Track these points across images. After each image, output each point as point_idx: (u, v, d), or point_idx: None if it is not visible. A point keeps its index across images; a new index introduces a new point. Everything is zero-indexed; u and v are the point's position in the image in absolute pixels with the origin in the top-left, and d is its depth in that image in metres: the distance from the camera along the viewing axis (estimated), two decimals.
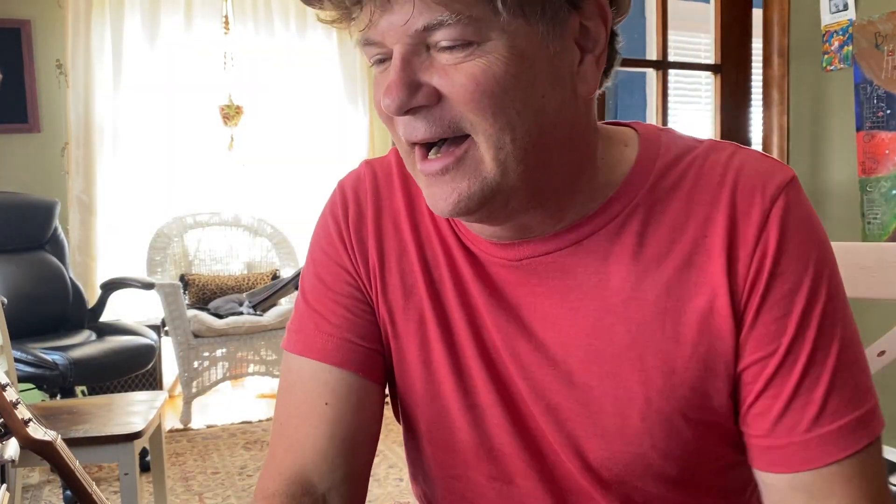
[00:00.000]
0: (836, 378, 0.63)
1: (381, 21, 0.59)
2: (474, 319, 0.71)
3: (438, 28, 0.57)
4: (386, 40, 0.60)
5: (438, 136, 0.61)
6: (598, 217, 0.67)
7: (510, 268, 0.70)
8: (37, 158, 3.93)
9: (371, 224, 0.75)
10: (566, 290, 0.68)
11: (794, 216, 0.64)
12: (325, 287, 0.75)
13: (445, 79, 0.59)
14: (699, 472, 0.70)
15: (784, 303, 0.63)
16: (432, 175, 0.62)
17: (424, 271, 0.73)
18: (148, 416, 2.12)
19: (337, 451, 0.71)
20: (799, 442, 0.63)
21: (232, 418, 3.75)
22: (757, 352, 0.64)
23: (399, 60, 0.59)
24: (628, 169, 0.68)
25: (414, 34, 0.58)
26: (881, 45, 2.63)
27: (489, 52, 0.58)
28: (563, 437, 0.69)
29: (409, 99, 0.59)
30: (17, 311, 3.00)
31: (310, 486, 0.70)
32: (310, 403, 0.72)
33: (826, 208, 2.93)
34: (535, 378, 0.70)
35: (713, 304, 0.64)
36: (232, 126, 4.15)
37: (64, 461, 1.29)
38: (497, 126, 0.60)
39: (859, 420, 0.63)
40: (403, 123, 0.62)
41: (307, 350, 0.74)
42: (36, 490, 2.90)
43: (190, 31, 4.16)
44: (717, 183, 0.66)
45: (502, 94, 0.59)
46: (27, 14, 3.88)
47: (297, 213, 4.35)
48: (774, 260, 0.63)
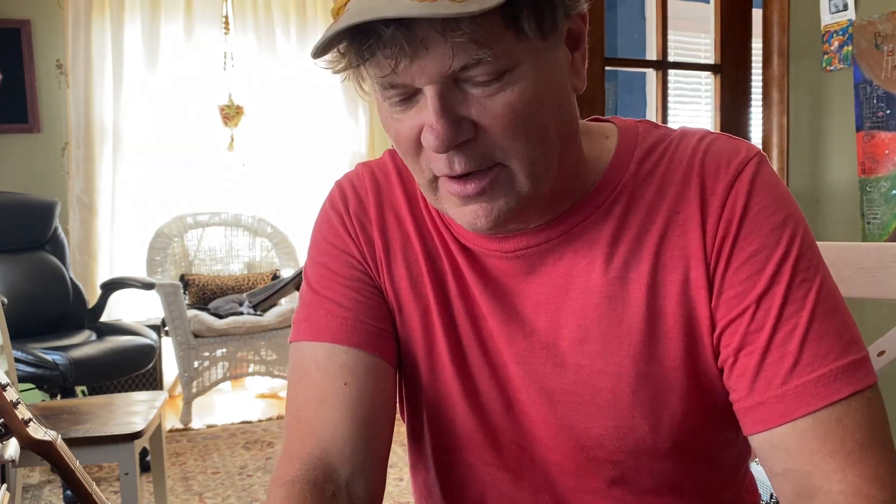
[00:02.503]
0: (811, 330, 0.63)
1: (411, 65, 0.58)
2: (472, 309, 0.74)
3: (475, 66, 0.58)
4: (415, 81, 0.60)
5: (475, 168, 0.62)
6: (584, 206, 0.71)
7: (504, 259, 0.72)
8: (37, 158, 3.93)
9: (374, 217, 0.77)
10: (556, 276, 0.71)
11: (758, 183, 0.67)
12: (332, 274, 0.76)
13: (482, 111, 0.60)
14: (691, 447, 0.71)
15: (752, 263, 0.65)
16: (468, 197, 0.63)
17: (428, 263, 0.75)
18: (148, 416, 2.12)
19: (359, 434, 0.70)
20: (776, 396, 0.63)
21: (232, 418, 3.75)
22: (729, 313, 0.66)
23: (438, 100, 0.59)
24: (609, 159, 0.72)
25: (450, 74, 0.59)
26: (881, 45, 2.63)
27: (520, 79, 0.60)
28: (557, 419, 0.71)
29: (455, 136, 0.60)
30: (18, 311, 3.00)
31: (332, 472, 0.69)
32: (328, 386, 0.71)
33: (826, 208, 2.93)
34: (530, 363, 0.72)
35: (688, 275, 0.67)
36: (232, 126, 4.15)
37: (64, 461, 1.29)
38: (530, 145, 0.62)
39: (840, 370, 0.62)
40: (442, 160, 0.62)
41: (320, 335, 0.73)
42: (36, 490, 2.90)
43: (190, 31, 4.16)
44: (688, 163, 0.69)
45: (535, 115, 0.61)
46: (27, 14, 3.88)
47: (297, 213, 4.35)
48: (739, 223, 0.66)
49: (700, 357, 0.68)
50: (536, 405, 0.72)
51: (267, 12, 4.30)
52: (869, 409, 0.62)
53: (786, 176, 3.07)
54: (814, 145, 2.98)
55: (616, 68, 5.86)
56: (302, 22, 4.36)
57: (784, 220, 0.66)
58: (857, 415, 0.62)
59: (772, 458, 0.65)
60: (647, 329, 0.68)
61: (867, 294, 0.95)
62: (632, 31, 7.38)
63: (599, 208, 0.70)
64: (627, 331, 0.69)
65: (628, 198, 0.70)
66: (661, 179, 0.70)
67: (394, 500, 2.71)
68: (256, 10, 4.29)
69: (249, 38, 4.27)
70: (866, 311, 2.57)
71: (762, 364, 0.64)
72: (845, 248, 0.97)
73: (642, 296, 0.68)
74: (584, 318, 0.70)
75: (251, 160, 4.29)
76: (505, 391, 0.74)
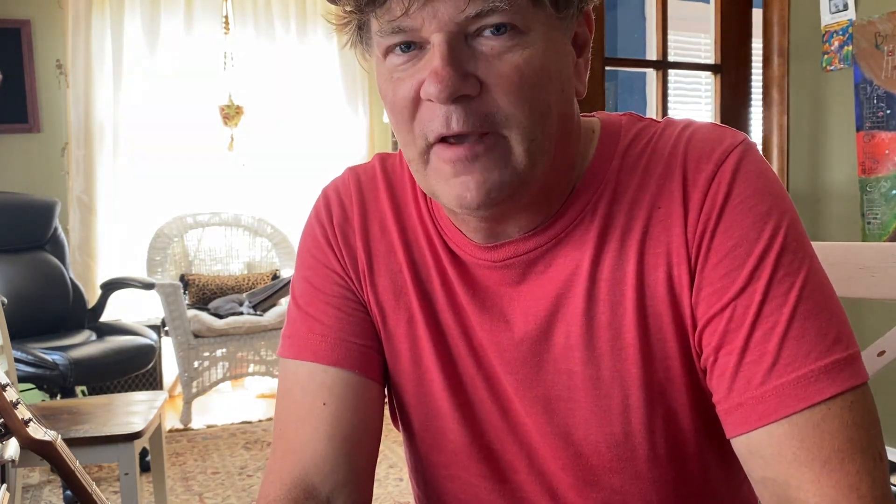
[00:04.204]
0: (791, 328, 0.59)
1: (423, 8, 0.57)
2: (461, 319, 0.72)
3: (490, 14, 0.57)
4: (423, 28, 0.58)
5: (472, 130, 0.59)
6: (570, 208, 0.68)
7: (493, 269, 0.70)
8: (37, 158, 3.93)
9: (357, 226, 0.75)
10: (546, 283, 0.69)
11: (742, 172, 0.63)
12: (315, 290, 0.75)
13: (489, 68, 0.59)
14: (687, 452, 0.69)
15: (731, 258, 0.62)
16: (460, 162, 0.60)
17: (413, 272, 0.73)
18: (148, 416, 2.12)
19: (338, 452, 0.70)
20: (754, 397, 0.59)
21: (232, 418, 3.76)
22: (709, 311, 0.62)
23: (446, 47, 0.58)
24: (592, 156, 0.69)
25: (463, 21, 0.57)
26: (881, 45, 2.63)
27: (531, 44, 0.59)
28: (552, 428, 0.70)
29: (459, 86, 0.58)
30: (18, 311, 3.00)
31: (312, 490, 0.69)
32: (307, 405, 0.71)
33: (826, 208, 2.93)
34: (522, 372, 0.70)
35: (671, 272, 0.64)
36: (232, 126, 4.15)
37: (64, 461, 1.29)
38: (533, 117, 0.60)
39: (821, 371, 0.58)
40: (440, 116, 0.59)
41: (301, 353, 0.73)
42: (36, 490, 2.90)
43: (190, 31, 4.16)
44: (670, 154, 0.66)
45: (540, 85, 0.60)
46: (27, 14, 3.89)
47: (297, 213, 4.35)
48: (718, 217, 0.62)
49: (689, 357, 0.66)
50: (532, 414, 0.70)
51: (267, 12, 4.30)
52: (851, 412, 0.58)
53: (786, 176, 3.07)
54: (814, 145, 2.98)
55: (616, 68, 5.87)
56: (302, 22, 4.36)
57: (767, 210, 0.62)
58: (837, 419, 0.57)
59: (750, 464, 0.61)
60: (640, 331, 0.66)
61: (867, 294, 0.94)
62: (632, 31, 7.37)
63: (585, 208, 0.68)
64: (618, 334, 0.67)
65: (611, 195, 0.67)
66: (642, 173, 0.66)
67: (394, 500, 2.71)
68: (256, 10, 4.29)
69: (249, 38, 4.28)
70: (866, 311, 2.57)
71: (741, 364, 0.60)
72: (845, 248, 0.97)
73: (632, 297, 0.66)
74: (573, 324, 0.68)
75: (251, 160, 4.29)
76: (499, 401, 0.72)
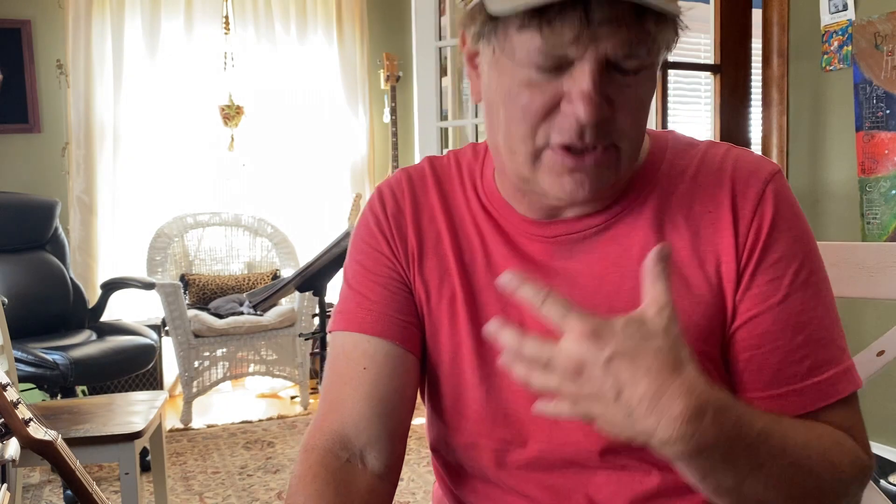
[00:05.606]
0: (819, 337, 0.73)
1: (589, 39, 0.64)
2: (503, 296, 0.77)
3: (636, 58, 0.66)
4: (576, 54, 0.65)
5: (597, 143, 0.68)
6: (622, 201, 0.78)
7: (542, 242, 0.79)
8: (37, 158, 3.93)
9: (409, 216, 0.85)
10: (593, 262, 0.78)
11: (782, 198, 0.76)
12: (365, 270, 0.85)
13: (620, 95, 0.68)
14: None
15: (776, 268, 0.74)
16: (579, 170, 0.69)
17: (457, 257, 0.83)
18: (148, 416, 2.12)
19: (373, 412, 0.80)
20: (799, 389, 0.72)
21: (232, 418, 3.75)
22: (751, 310, 0.74)
23: (598, 75, 0.65)
24: (644, 160, 0.80)
25: (613, 56, 0.65)
26: (881, 46, 2.63)
27: (651, 77, 0.70)
28: None
29: (602, 112, 0.66)
30: (18, 311, 3.00)
31: (347, 442, 0.80)
32: (350, 369, 0.81)
33: (826, 208, 2.93)
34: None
35: (719, 268, 0.75)
36: (232, 126, 4.15)
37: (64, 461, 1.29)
38: (639, 133, 0.72)
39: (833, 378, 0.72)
40: (573, 130, 0.67)
41: (349, 325, 0.83)
42: (36, 490, 2.90)
43: (190, 31, 4.16)
44: (718, 168, 0.78)
45: (645, 109, 0.71)
46: (27, 14, 3.89)
47: (297, 213, 4.35)
48: (769, 231, 0.74)
49: (718, 345, 0.75)
50: None
51: (267, 13, 4.31)
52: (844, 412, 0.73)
53: (786, 176, 3.07)
54: (813, 145, 2.98)
55: None
56: (302, 22, 4.36)
57: (804, 233, 0.76)
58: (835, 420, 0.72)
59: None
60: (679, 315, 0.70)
61: (867, 294, 0.95)
62: None
63: (635, 202, 0.78)
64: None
65: (661, 194, 0.78)
66: (691, 180, 0.78)
67: (394, 499, 2.71)
68: (256, 10, 4.29)
69: (249, 38, 4.28)
70: (866, 311, 2.57)
71: (781, 362, 0.73)
72: (845, 248, 0.97)
73: (674, 282, 0.71)
74: (616, 300, 0.75)
75: (251, 160, 4.29)
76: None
